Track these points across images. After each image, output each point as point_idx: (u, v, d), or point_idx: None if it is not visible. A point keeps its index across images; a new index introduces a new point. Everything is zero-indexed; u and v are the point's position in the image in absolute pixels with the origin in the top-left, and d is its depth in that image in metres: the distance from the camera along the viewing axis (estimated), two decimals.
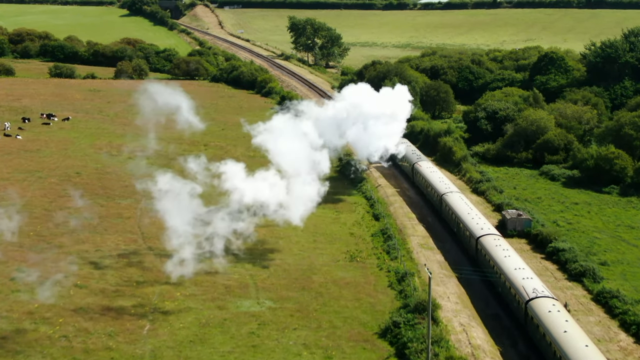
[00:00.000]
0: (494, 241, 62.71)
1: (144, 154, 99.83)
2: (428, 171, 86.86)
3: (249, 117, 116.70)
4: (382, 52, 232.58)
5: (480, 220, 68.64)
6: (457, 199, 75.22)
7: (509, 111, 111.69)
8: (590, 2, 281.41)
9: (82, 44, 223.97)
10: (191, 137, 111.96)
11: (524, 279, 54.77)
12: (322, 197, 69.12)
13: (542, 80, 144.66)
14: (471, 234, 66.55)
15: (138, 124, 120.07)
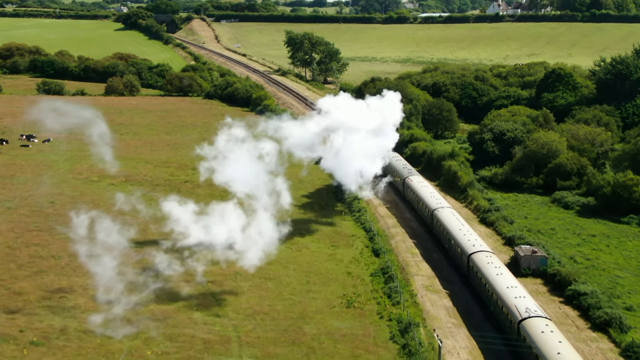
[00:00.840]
0: (486, 258, 61.45)
1: (127, 180, 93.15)
2: (419, 186, 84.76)
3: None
4: (381, 67, 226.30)
5: (472, 236, 67.31)
6: (449, 215, 73.62)
7: (517, 132, 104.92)
8: (595, 16, 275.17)
9: (73, 59, 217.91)
10: (180, 159, 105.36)
11: (517, 298, 53.58)
12: (281, 238, 63.64)
13: (549, 97, 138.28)
14: (462, 251, 65.14)
15: (123, 147, 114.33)
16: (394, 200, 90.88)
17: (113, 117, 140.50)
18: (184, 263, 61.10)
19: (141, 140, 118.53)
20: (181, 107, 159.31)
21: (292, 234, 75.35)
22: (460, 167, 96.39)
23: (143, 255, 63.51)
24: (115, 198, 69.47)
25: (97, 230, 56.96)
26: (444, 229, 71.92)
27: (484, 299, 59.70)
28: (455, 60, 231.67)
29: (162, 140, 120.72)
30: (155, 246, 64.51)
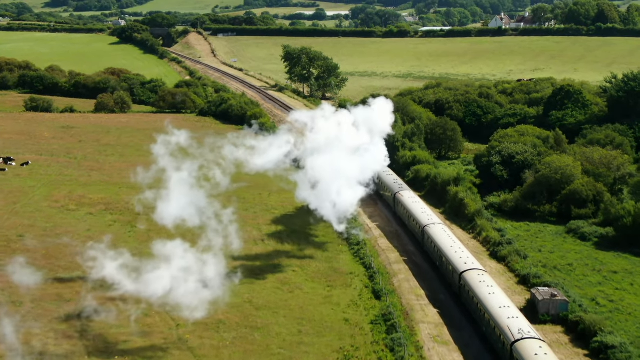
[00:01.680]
0: (478, 277, 60.03)
1: (107, 208, 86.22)
2: (410, 201, 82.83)
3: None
4: (382, 83, 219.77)
5: (463, 253, 65.95)
6: (440, 231, 72.28)
7: (527, 155, 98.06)
8: (600, 30, 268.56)
9: (64, 74, 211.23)
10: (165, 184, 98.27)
11: (510, 319, 52.41)
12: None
13: (558, 116, 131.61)
14: (454, 269, 63.81)
15: (107, 169, 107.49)
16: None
17: (100, 136, 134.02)
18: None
19: (127, 162, 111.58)
20: (173, 126, 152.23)
21: (284, 271, 68.65)
22: (467, 194, 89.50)
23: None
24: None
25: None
26: (435, 246, 70.31)
27: (475, 319, 58.17)
28: (457, 75, 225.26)
29: (150, 162, 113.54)
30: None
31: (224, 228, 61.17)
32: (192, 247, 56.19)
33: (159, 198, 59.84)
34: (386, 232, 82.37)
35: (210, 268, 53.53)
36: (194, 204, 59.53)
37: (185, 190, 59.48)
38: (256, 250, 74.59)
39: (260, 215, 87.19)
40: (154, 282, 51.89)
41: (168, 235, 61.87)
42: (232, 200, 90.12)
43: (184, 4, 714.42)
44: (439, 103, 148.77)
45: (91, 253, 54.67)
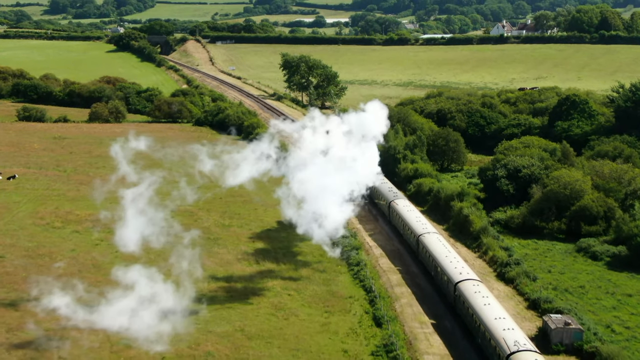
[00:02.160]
0: (473, 287, 59.01)
1: (95, 225, 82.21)
2: (405, 210, 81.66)
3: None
4: (382, 91, 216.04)
5: (458, 263, 64.86)
6: (435, 241, 71.09)
7: (534, 169, 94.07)
8: (604, 38, 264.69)
9: (58, 82, 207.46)
10: None
11: (505, 330, 51.39)
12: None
13: (563, 126, 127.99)
14: (449, 279, 62.72)
15: (100, 182, 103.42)
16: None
17: (92, 147, 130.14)
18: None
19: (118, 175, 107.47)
20: (167, 136, 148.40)
21: (279, 295, 64.60)
22: (472, 210, 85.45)
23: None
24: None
25: None
26: (429, 255, 69.11)
27: (471, 330, 57.01)
28: (459, 84, 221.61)
29: (142, 174, 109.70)
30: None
31: (191, 252, 57.72)
32: (159, 272, 53.07)
33: (118, 219, 56.57)
34: (387, 250, 78.32)
35: (174, 297, 50.36)
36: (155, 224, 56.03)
37: (145, 209, 55.79)
38: (249, 271, 70.67)
39: (255, 231, 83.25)
40: (114, 313, 48.66)
41: (148, 259, 58.10)
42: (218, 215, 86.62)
43: (183, 11, 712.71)
44: (441, 113, 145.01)
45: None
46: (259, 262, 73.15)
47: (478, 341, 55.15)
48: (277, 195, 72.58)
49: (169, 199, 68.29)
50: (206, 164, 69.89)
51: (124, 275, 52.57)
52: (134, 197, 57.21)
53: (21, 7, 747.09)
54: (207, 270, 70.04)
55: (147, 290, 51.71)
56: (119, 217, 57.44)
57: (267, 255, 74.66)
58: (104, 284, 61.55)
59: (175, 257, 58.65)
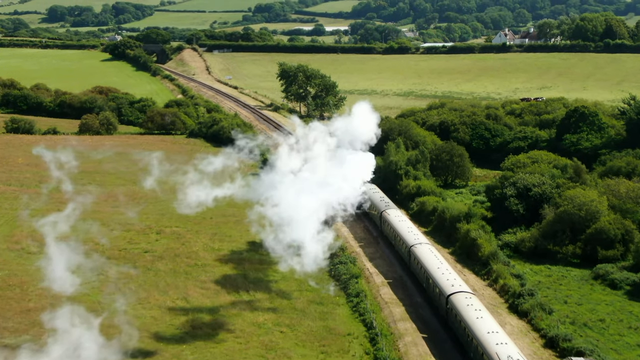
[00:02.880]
0: (466, 300, 57.54)
1: (71, 251, 76.07)
2: (396, 220, 79.97)
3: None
4: (382, 101, 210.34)
5: (450, 275, 63.21)
6: (427, 252, 69.40)
7: (545, 188, 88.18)
8: (609, 46, 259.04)
9: (49, 93, 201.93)
10: (144, 219, 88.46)
11: (498, 345, 49.94)
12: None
13: (572, 140, 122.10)
14: (441, 291, 61.23)
15: (79, 200, 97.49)
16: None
17: (79, 162, 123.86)
18: None
19: (104, 193, 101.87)
20: (159, 148, 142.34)
21: (270, 332, 58.61)
22: (480, 233, 79.49)
23: None
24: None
25: None
26: (421, 267, 67.45)
27: (463, 344, 55.68)
28: (461, 94, 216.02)
29: (128, 192, 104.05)
30: None
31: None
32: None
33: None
34: (389, 278, 72.28)
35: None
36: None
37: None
38: (239, 303, 64.61)
39: (246, 257, 77.29)
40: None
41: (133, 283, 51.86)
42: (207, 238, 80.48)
43: (181, 19, 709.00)
44: (444, 125, 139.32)
45: None
46: (250, 291, 67.22)
47: (470, 355, 53.54)
48: (249, 220, 66.56)
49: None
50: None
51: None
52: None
53: (19, 15, 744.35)
54: (192, 301, 64.25)
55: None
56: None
57: (259, 285, 68.67)
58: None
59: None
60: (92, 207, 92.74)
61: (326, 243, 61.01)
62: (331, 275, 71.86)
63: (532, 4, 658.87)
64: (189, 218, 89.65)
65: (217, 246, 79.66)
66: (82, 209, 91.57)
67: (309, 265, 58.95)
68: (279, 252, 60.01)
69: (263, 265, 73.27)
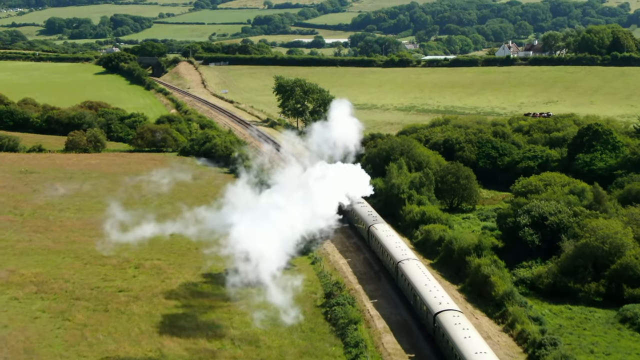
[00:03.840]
0: (453, 318, 56.18)
1: (39, 290, 68.31)
2: (384, 235, 78.53)
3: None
4: (383, 117, 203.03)
5: (438, 292, 61.80)
6: (414, 268, 67.90)
7: (562, 216, 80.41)
8: (616, 59, 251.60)
9: (37, 108, 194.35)
10: (120, 250, 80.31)
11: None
12: None
13: (585, 160, 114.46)
14: (428, 310, 59.85)
15: (55, 230, 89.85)
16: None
17: (60, 184, 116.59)
18: None
19: (82, 219, 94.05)
20: (147, 167, 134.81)
21: None
22: (493, 269, 71.61)
23: None
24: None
25: None
26: (409, 283, 65.92)
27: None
28: (464, 109, 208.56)
29: (108, 217, 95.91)
30: None
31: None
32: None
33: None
34: (393, 323, 64.15)
35: None
36: None
37: None
38: (222, 358, 56.60)
39: (232, 295, 69.32)
40: None
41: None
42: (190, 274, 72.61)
43: (180, 31, 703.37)
44: (449, 143, 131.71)
45: None
46: (235, 341, 59.12)
47: None
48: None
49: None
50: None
51: None
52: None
53: (17, 27, 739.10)
54: (168, 354, 56.25)
55: None
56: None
57: (246, 335, 60.35)
58: None
59: None
60: (66, 237, 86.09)
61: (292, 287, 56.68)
62: (327, 319, 63.96)
63: (533, 16, 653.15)
64: (173, 249, 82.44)
65: (200, 285, 71.53)
66: (55, 239, 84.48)
67: (291, 317, 52.74)
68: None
69: (251, 308, 65.32)
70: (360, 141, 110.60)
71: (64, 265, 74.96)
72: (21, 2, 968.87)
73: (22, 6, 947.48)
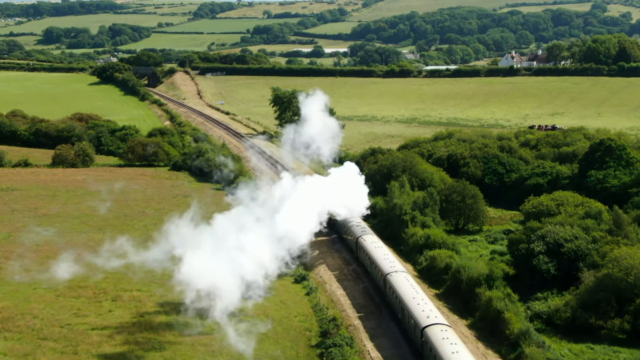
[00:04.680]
0: (441, 333, 54.80)
1: (2, 329, 61.52)
2: (372, 246, 76.69)
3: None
4: (383, 129, 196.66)
5: (426, 306, 60.18)
6: (402, 280, 66.29)
7: (579, 243, 73.78)
8: (623, 70, 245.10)
9: (26, 120, 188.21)
10: (99, 281, 73.58)
11: None
12: None
13: (598, 177, 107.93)
14: (416, 323, 58.41)
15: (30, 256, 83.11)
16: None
17: (41, 202, 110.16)
18: None
19: (59, 243, 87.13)
20: (137, 184, 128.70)
21: None
22: (506, 303, 64.85)
23: None
24: None
25: None
26: (397, 296, 64.31)
27: None
28: (467, 120, 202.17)
29: (89, 241, 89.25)
30: None
31: None
32: None
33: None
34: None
35: None
36: None
37: None
38: None
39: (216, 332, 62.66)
40: None
41: None
42: None
43: (179, 41, 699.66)
44: (453, 159, 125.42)
45: None
46: None
47: None
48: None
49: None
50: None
51: None
52: None
53: (15, 37, 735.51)
54: None
55: None
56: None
57: None
58: None
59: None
60: (41, 263, 79.23)
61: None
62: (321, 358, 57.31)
63: (534, 26, 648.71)
64: (155, 278, 75.43)
65: (180, 321, 64.61)
66: (27, 266, 77.54)
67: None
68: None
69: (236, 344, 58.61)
70: (361, 156, 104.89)
71: (35, 298, 68.18)
72: (19, 12, 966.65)
73: (21, 15, 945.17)
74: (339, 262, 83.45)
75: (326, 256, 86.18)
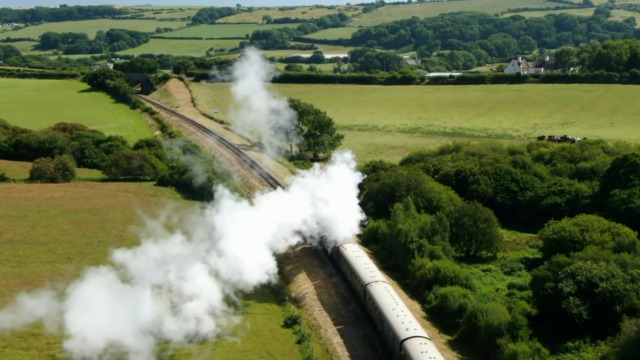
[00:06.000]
0: (420, 346, 52.58)
1: None
2: (353, 256, 74.50)
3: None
4: (385, 139, 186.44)
5: (405, 318, 57.77)
6: (382, 291, 64.01)
7: (616, 282, 63.29)
8: (636, 76, 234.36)
9: (7, 130, 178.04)
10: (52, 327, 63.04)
11: None
12: None
13: (622, 196, 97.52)
14: (395, 336, 55.90)
15: None
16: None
17: (8, 225, 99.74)
18: None
19: (21, 275, 76.98)
20: (117, 202, 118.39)
21: None
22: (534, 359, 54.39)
23: None
24: None
25: None
26: (376, 307, 62.52)
27: None
28: (473, 130, 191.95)
29: (54, 272, 78.87)
30: None
31: None
32: None
33: None
34: None
35: None
36: None
37: None
38: None
39: None
40: None
41: None
42: None
43: (177, 46, 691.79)
44: (461, 175, 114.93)
45: None
46: None
47: None
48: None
49: None
50: None
51: None
52: None
53: (12, 42, 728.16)
54: None
55: None
56: None
57: None
58: None
59: None
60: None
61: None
62: None
63: (537, 31, 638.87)
64: None
65: None
66: None
67: None
68: None
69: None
70: (363, 174, 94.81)
71: None
72: (17, 17, 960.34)
73: (18, 21, 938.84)
74: (337, 302, 72.89)
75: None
